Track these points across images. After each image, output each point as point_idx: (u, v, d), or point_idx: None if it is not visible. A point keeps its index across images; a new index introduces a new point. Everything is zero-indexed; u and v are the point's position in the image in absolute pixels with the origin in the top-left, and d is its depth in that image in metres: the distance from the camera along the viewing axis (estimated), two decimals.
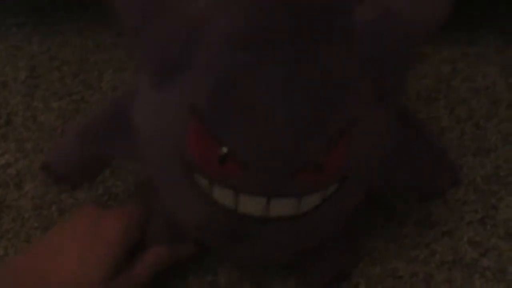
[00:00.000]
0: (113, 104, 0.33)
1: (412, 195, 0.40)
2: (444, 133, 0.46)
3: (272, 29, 0.24)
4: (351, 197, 0.30)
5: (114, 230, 0.32)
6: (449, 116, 0.48)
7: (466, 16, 0.27)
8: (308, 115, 0.25)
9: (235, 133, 0.25)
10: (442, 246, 0.39)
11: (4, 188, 0.43)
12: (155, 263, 0.34)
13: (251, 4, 0.24)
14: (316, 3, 0.24)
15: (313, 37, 0.24)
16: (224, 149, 0.25)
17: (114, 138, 0.32)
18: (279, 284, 0.38)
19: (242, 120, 0.25)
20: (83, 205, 0.36)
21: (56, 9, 0.58)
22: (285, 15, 0.23)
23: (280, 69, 0.24)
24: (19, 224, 0.41)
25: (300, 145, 0.25)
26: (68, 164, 0.35)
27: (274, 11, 0.24)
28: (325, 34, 0.24)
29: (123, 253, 0.32)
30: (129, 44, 0.26)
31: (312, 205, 0.28)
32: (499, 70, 0.51)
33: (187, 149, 0.27)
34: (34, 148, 0.46)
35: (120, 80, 0.51)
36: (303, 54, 0.24)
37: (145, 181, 0.42)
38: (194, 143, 0.26)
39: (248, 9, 0.24)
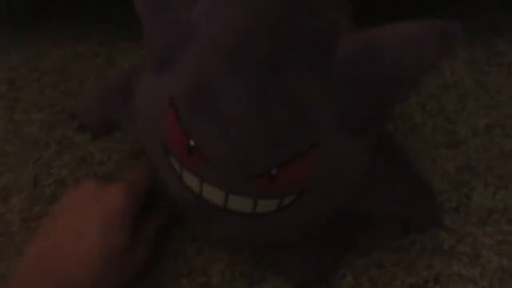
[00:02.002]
0: (127, 77, 0.38)
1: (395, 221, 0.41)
2: (417, 128, 0.48)
3: (252, 48, 0.26)
4: (311, 211, 0.32)
5: (120, 201, 0.34)
6: (421, 112, 0.50)
7: (432, 14, 0.28)
8: (268, 131, 0.27)
9: (202, 131, 0.28)
10: (422, 235, 0.41)
11: None
12: (159, 226, 0.39)
13: (238, 22, 0.27)
14: (296, 33, 0.27)
15: (286, 63, 0.26)
16: (191, 142, 0.28)
17: (123, 108, 0.37)
18: (270, 283, 0.39)
19: (210, 122, 0.28)
20: (83, 181, 0.37)
21: (33, 20, 0.57)
22: (266, 38, 0.26)
23: (250, 85, 0.26)
24: (8, 238, 0.41)
25: (256, 156, 0.28)
26: (88, 118, 0.44)
27: (257, 32, 0.26)
28: (298, 63, 0.27)
29: (132, 220, 0.35)
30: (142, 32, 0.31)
31: (268, 209, 0.31)
32: (466, 65, 0.54)
33: (166, 134, 0.30)
34: (18, 161, 0.46)
35: None
36: (274, 76, 0.26)
37: None
38: (170, 131, 0.30)
39: (234, 25, 0.27)
